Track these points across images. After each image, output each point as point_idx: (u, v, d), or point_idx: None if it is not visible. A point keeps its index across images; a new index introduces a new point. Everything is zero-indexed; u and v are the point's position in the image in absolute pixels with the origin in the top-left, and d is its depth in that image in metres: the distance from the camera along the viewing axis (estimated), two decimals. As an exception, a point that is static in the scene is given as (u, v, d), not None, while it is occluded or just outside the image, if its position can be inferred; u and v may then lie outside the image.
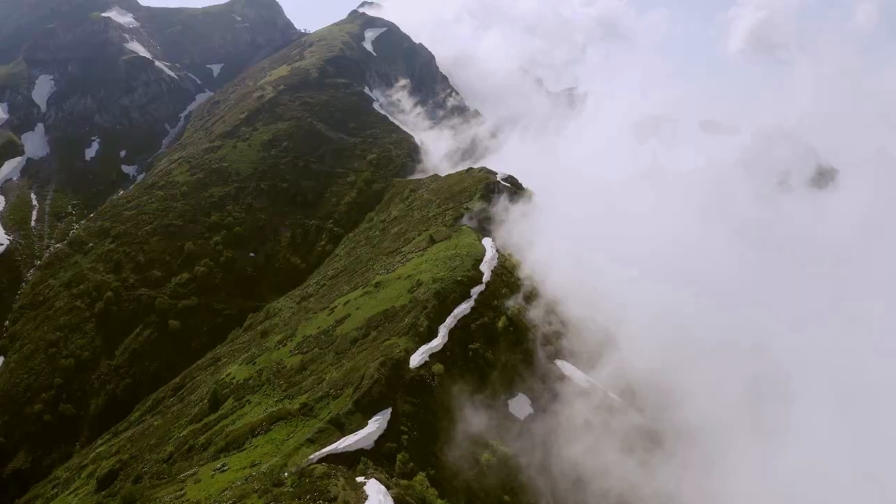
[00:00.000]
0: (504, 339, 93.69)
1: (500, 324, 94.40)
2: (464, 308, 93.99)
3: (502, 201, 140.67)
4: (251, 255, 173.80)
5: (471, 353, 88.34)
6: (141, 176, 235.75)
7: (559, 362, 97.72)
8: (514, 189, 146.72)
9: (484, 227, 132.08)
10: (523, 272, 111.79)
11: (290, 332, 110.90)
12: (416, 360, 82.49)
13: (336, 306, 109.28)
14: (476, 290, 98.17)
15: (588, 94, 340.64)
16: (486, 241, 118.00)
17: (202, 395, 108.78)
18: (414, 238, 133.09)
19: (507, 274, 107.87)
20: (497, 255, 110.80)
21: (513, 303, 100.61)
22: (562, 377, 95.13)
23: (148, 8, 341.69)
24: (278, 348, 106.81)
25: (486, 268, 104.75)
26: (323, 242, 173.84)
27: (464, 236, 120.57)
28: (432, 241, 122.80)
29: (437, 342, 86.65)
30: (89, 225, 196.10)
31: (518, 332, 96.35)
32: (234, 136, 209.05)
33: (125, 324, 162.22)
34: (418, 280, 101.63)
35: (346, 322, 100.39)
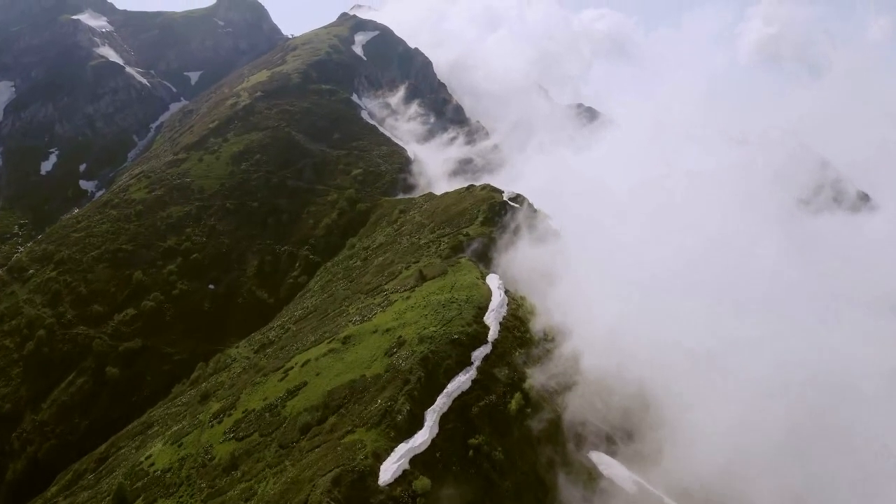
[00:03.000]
0: (519, 426, 66.08)
1: (513, 405, 66.80)
2: (462, 382, 66.51)
3: (511, 226, 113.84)
4: (210, 286, 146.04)
5: (471, 452, 60.82)
6: (100, 192, 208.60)
7: (595, 455, 70.19)
8: (525, 211, 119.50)
9: (488, 259, 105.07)
10: (541, 323, 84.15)
11: (231, 401, 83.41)
12: (389, 470, 55.08)
13: (292, 367, 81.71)
14: (479, 354, 70.63)
15: (600, 109, 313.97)
16: (492, 280, 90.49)
17: (113, 485, 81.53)
18: (400, 272, 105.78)
19: (520, 327, 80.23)
20: (507, 300, 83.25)
21: (530, 371, 72.90)
22: (599, 478, 67.58)
23: (124, 11, 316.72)
24: (212, 425, 79.44)
25: (492, 319, 77.15)
26: (295, 273, 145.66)
27: (463, 272, 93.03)
28: (422, 277, 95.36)
29: (423, 438, 59.26)
30: (34, 248, 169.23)
31: (538, 414, 68.63)
32: (201, 148, 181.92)
33: (57, 369, 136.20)
34: (400, 337, 74.13)
35: (299, 395, 72.91)
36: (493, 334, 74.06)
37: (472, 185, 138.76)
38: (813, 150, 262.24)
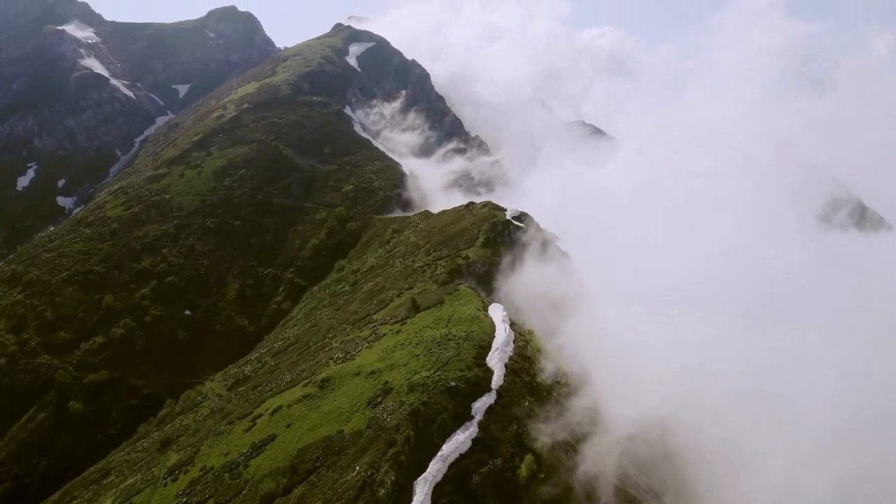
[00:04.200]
0: (531, 497, 53.87)
1: (523, 470, 54.52)
2: (460, 442, 54.34)
3: (515, 248, 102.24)
4: (186, 312, 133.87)
5: (472, 533, 48.77)
6: (78, 209, 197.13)
7: (621, 528, 58.00)
8: (531, 231, 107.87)
9: (490, 285, 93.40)
10: (553, 362, 72.09)
11: (191, 453, 71.30)
12: (367, 565, 42.98)
13: (261, 415, 69.66)
14: (481, 406, 58.47)
15: (602, 125, 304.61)
16: (495, 311, 78.52)
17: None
18: (391, 300, 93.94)
19: (529, 369, 68.00)
20: (513, 336, 71.21)
21: (543, 425, 60.71)
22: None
23: (112, 22, 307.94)
24: (165, 483, 67.39)
25: (496, 361, 65.02)
26: (279, 298, 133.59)
27: (462, 302, 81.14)
28: (415, 307, 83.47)
29: (411, 518, 47.21)
30: (2, 269, 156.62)
31: (553, 478, 56.46)
32: (183, 163, 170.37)
33: (17, 403, 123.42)
34: (386, 383, 62.16)
35: (265, 452, 60.83)
36: (497, 380, 61.98)
37: (471, 203, 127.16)
38: (826, 166, 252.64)
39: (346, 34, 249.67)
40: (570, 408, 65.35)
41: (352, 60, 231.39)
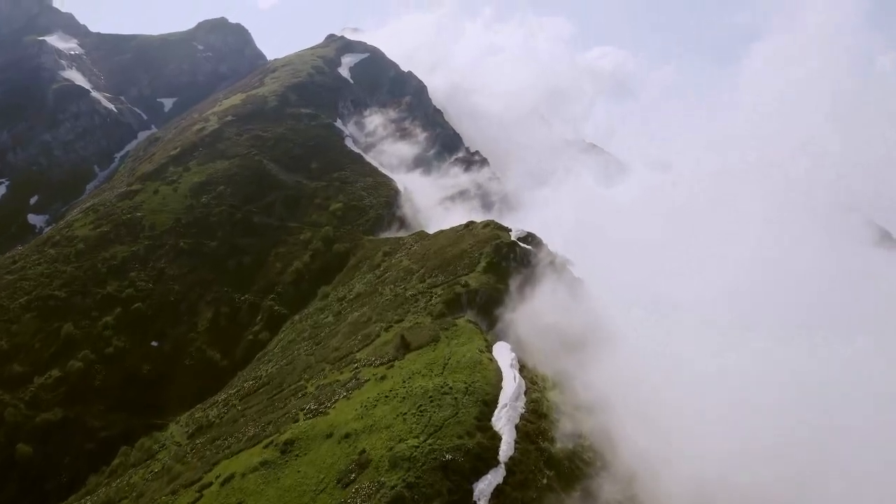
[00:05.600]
0: None
1: (542, 580, 40.92)
2: (458, 541, 40.74)
3: (522, 274, 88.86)
4: (153, 343, 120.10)
5: None
6: (49, 228, 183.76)
7: None
8: (540, 254, 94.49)
9: (493, 318, 79.99)
10: (572, 420, 58.27)
11: (127, 528, 57.64)
12: None
13: (211, 483, 55.95)
14: (486, 488, 44.69)
15: (604, 140, 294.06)
16: (501, 352, 64.87)
17: None
18: (378, 335, 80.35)
19: (545, 431, 54.17)
20: (524, 386, 57.55)
21: (565, 511, 47.01)
22: None
23: (98, 34, 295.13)
24: (88, 573, 53.59)
25: (504, 422, 51.28)
26: (256, 328, 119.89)
27: (461, 341, 67.47)
28: (405, 345, 69.81)
29: None
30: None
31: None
32: (158, 179, 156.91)
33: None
34: (363, 452, 48.45)
35: (207, 542, 47.20)
36: (506, 449, 48.24)
37: (471, 222, 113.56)
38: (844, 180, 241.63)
39: (338, 45, 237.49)
40: (598, 480, 51.64)
41: (344, 72, 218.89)
